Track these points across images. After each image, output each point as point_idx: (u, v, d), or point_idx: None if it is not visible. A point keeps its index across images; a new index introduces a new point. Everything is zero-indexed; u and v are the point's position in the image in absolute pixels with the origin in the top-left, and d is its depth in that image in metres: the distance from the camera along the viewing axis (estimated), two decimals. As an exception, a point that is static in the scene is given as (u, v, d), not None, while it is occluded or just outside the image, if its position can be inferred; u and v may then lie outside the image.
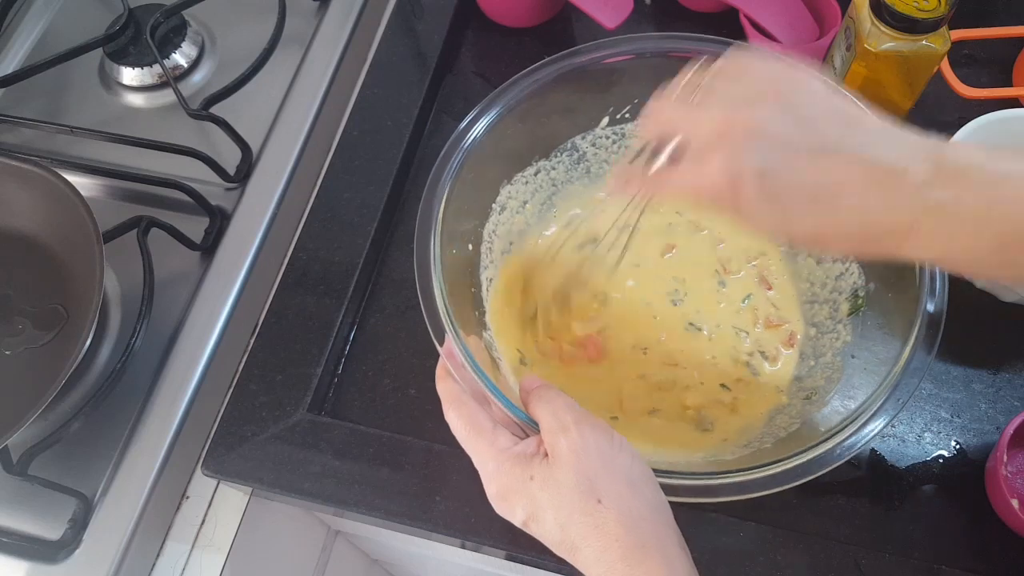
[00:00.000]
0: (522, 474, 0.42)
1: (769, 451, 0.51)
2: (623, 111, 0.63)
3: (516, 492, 0.42)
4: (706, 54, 0.56)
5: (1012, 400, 0.59)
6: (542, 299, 0.60)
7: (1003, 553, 0.54)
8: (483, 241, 0.60)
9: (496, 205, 0.62)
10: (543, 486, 0.41)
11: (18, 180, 0.62)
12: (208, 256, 0.66)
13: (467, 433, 0.44)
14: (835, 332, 0.58)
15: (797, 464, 0.46)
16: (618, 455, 0.42)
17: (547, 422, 0.43)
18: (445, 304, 0.50)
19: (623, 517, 0.39)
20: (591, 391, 0.58)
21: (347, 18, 0.78)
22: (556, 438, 0.42)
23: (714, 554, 0.53)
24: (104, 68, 0.77)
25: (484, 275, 0.60)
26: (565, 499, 0.40)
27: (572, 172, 0.65)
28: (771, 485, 0.46)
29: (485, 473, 0.43)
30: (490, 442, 0.43)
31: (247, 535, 0.61)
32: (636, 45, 0.59)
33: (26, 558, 0.56)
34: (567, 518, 0.40)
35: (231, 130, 0.69)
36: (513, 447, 0.43)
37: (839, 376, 0.55)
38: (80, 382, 0.61)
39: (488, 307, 0.60)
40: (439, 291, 0.50)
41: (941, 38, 0.59)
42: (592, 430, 0.42)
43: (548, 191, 0.64)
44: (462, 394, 0.46)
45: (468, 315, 0.55)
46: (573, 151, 0.64)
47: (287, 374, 0.60)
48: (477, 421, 0.44)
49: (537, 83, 0.57)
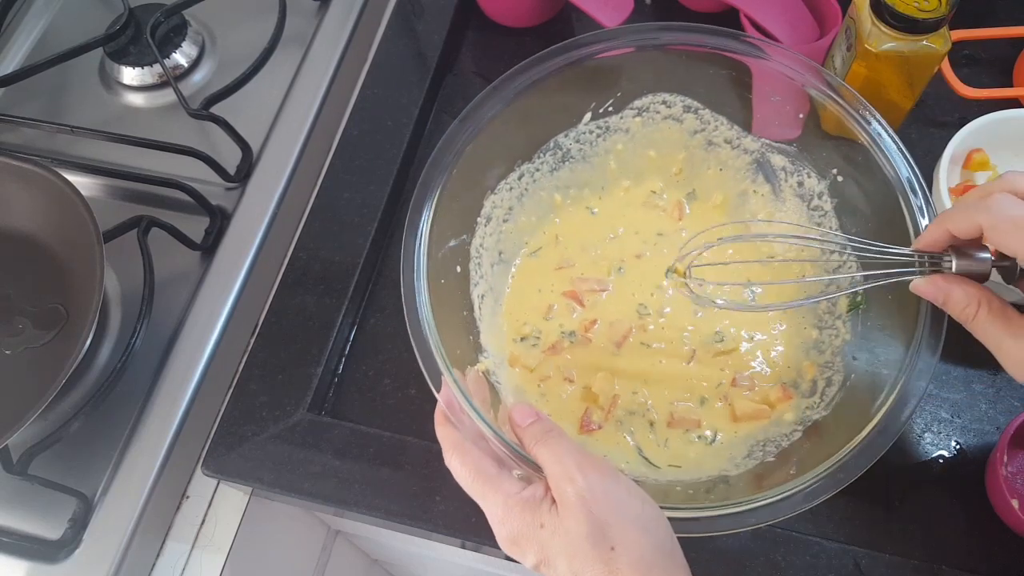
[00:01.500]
0: (532, 521, 0.41)
1: (773, 464, 0.51)
2: (605, 105, 0.63)
3: (526, 538, 0.41)
4: (695, 42, 0.57)
5: (1012, 400, 0.59)
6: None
7: (1003, 553, 0.54)
8: (471, 259, 0.60)
9: (481, 218, 0.61)
10: (553, 534, 0.40)
11: (18, 180, 0.62)
12: (208, 256, 0.66)
13: (472, 479, 0.44)
14: (834, 328, 0.58)
15: (801, 489, 0.46)
16: (627, 500, 0.41)
17: (551, 469, 0.42)
18: (441, 351, 0.49)
19: (636, 564, 0.39)
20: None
21: (347, 18, 0.78)
22: (563, 486, 0.41)
23: (714, 554, 0.53)
24: (104, 68, 0.77)
25: (475, 292, 0.59)
26: (578, 548, 0.39)
27: (558, 170, 0.64)
28: (781, 513, 0.45)
29: (494, 517, 0.43)
30: (496, 487, 0.43)
31: (247, 535, 0.61)
32: (618, 40, 0.58)
33: (26, 558, 0.56)
34: (580, 566, 0.39)
35: (231, 130, 0.69)
36: (520, 492, 0.43)
37: (839, 378, 0.55)
38: (80, 382, 0.61)
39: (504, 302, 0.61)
40: (433, 341, 0.49)
41: (941, 38, 0.58)
42: (599, 475, 0.41)
43: (534, 191, 0.64)
44: (464, 441, 0.45)
45: (463, 344, 0.55)
46: (557, 149, 0.64)
47: (287, 374, 0.60)
48: (481, 467, 0.44)
49: (513, 91, 0.57)
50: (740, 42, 0.58)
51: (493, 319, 0.60)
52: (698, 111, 0.63)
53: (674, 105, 0.63)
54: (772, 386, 0.57)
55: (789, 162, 0.62)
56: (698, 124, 0.63)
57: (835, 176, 0.59)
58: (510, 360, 0.60)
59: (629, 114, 0.63)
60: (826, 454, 0.46)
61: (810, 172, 0.61)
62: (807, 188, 0.61)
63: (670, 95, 0.62)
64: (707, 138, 0.64)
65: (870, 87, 0.62)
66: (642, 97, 0.63)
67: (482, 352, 0.57)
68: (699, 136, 0.64)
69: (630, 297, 0.62)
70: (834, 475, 0.46)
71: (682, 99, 0.63)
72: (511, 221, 0.63)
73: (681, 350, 0.59)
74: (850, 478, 0.45)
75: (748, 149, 0.63)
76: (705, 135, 0.64)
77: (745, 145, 0.63)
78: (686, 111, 0.63)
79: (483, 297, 0.60)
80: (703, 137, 0.64)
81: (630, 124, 0.64)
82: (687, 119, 0.63)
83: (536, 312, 0.61)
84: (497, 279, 0.62)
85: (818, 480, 0.46)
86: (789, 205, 0.63)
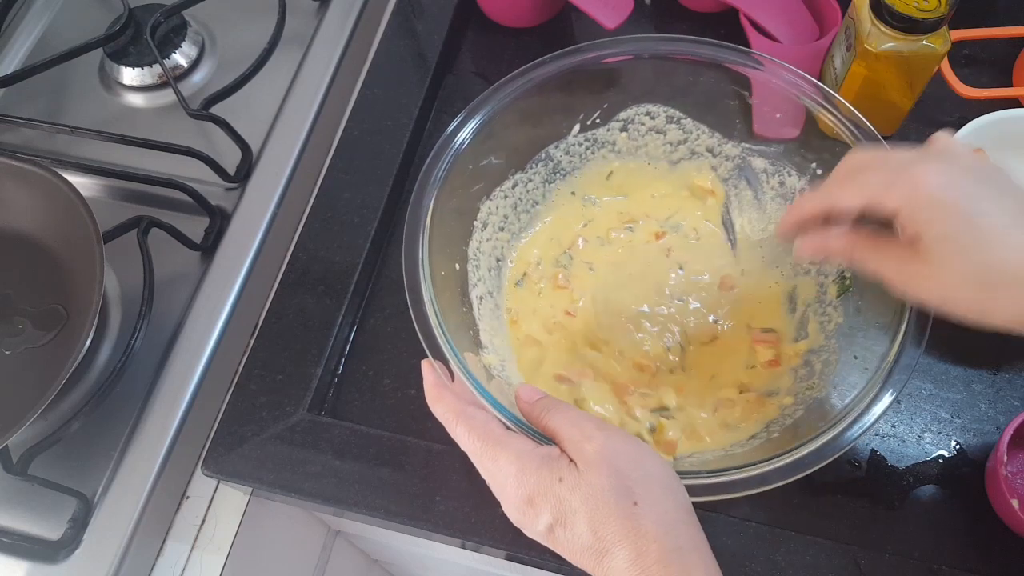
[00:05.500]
0: (550, 475, 0.39)
1: (775, 441, 0.51)
2: (593, 117, 0.63)
3: (542, 495, 0.39)
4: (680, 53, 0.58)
5: (1012, 400, 0.59)
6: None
7: (1003, 553, 0.54)
8: (469, 260, 0.60)
9: (477, 222, 0.61)
10: (574, 488, 0.39)
11: (18, 180, 0.62)
12: (208, 256, 0.66)
13: (482, 444, 0.42)
14: (826, 315, 0.58)
15: (800, 456, 0.46)
16: (647, 458, 0.40)
17: (567, 432, 0.41)
18: (443, 329, 0.49)
19: (660, 520, 0.38)
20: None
21: (347, 18, 0.78)
22: (582, 445, 0.40)
23: (714, 554, 0.53)
24: (104, 68, 0.77)
25: (474, 294, 0.59)
26: (600, 502, 0.38)
27: (549, 181, 0.65)
28: (777, 478, 0.46)
29: (507, 479, 0.41)
30: (508, 447, 0.41)
31: (247, 535, 0.61)
32: (619, 48, 0.59)
33: (26, 558, 0.56)
34: (603, 520, 0.38)
35: (231, 130, 0.69)
36: (536, 448, 0.41)
37: (836, 359, 0.55)
38: (80, 382, 0.61)
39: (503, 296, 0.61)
40: (435, 318, 0.49)
41: (941, 38, 0.59)
42: (618, 434, 0.41)
43: (528, 203, 0.64)
44: (467, 407, 0.44)
45: (463, 334, 0.55)
46: (548, 160, 0.64)
47: (287, 374, 0.60)
48: (490, 430, 0.42)
49: (509, 97, 0.57)
50: (733, 52, 0.58)
51: (494, 321, 0.61)
52: (680, 120, 0.63)
53: (657, 116, 0.63)
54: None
55: (770, 163, 0.62)
56: (681, 135, 0.64)
57: (815, 170, 0.59)
58: (519, 364, 0.60)
59: (615, 126, 0.64)
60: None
61: (791, 171, 0.61)
62: (788, 187, 0.61)
63: (653, 106, 0.63)
64: (690, 148, 0.64)
65: (870, 87, 0.62)
66: (627, 109, 0.63)
67: (482, 347, 0.57)
68: (682, 147, 0.64)
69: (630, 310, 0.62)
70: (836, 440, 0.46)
71: (665, 109, 0.63)
72: (506, 230, 0.63)
73: (668, 360, 0.60)
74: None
75: (729, 155, 0.64)
76: (688, 146, 0.64)
77: (726, 152, 0.64)
78: (669, 122, 0.63)
79: (481, 299, 0.60)
80: (686, 148, 0.64)
81: (617, 137, 0.64)
82: (670, 130, 0.64)
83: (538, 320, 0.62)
84: (494, 284, 0.62)
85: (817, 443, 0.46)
86: (771, 208, 0.63)
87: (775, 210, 0.62)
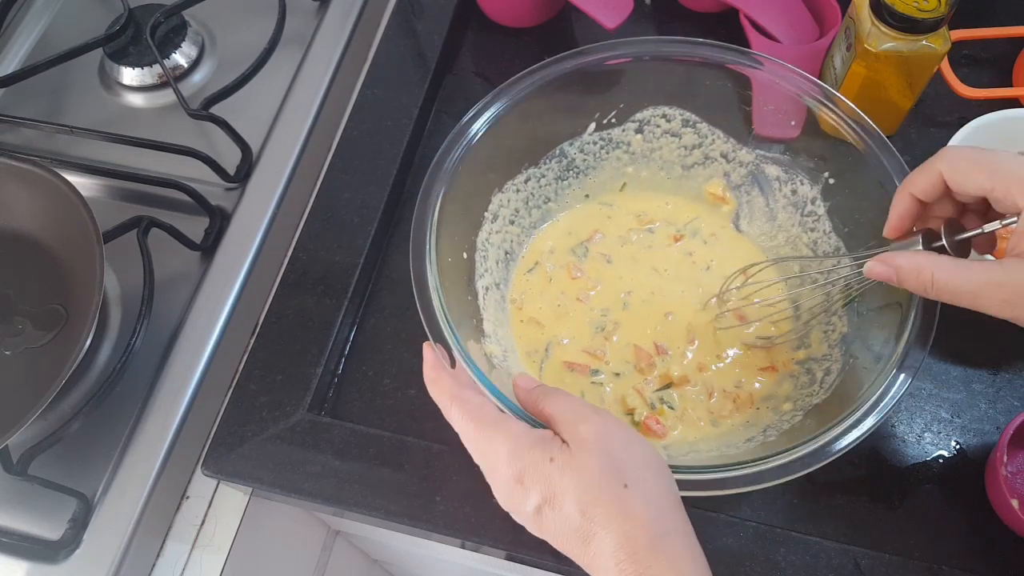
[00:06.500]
0: (541, 455, 0.40)
1: (769, 445, 0.51)
2: (609, 116, 0.63)
3: (532, 475, 0.39)
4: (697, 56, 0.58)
5: (1012, 400, 0.59)
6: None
7: (1003, 553, 0.54)
8: (477, 249, 0.60)
9: (488, 214, 0.61)
10: (564, 469, 0.39)
11: (18, 180, 0.62)
12: (208, 256, 0.66)
13: (475, 426, 0.42)
14: (831, 324, 0.58)
15: (797, 457, 0.46)
16: (640, 444, 0.41)
17: (563, 414, 0.41)
18: (445, 313, 0.49)
19: (649, 503, 0.38)
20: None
21: (347, 18, 0.78)
22: (576, 426, 0.40)
23: (714, 554, 0.52)
24: (104, 68, 0.77)
25: (480, 284, 0.59)
26: (590, 483, 0.38)
27: (562, 179, 0.65)
28: (774, 477, 0.46)
29: (498, 459, 0.41)
30: (502, 429, 0.41)
31: (247, 535, 0.61)
32: (628, 49, 0.59)
33: (26, 558, 0.56)
34: (592, 500, 0.38)
35: (231, 130, 0.69)
36: (530, 430, 0.41)
37: (838, 367, 0.55)
38: (80, 382, 0.61)
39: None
40: (439, 303, 0.50)
41: (941, 38, 0.59)
42: (612, 420, 0.41)
43: (540, 199, 0.64)
44: (462, 390, 0.44)
45: (466, 322, 0.55)
46: (562, 157, 0.64)
47: (287, 374, 0.60)
48: (484, 412, 0.43)
49: (525, 91, 0.57)
50: (738, 54, 0.58)
51: (499, 313, 0.61)
52: (696, 124, 0.63)
53: (673, 119, 0.63)
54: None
55: (783, 171, 0.62)
56: (696, 139, 0.64)
57: (827, 179, 0.59)
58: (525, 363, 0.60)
59: (631, 127, 0.63)
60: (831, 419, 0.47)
61: (803, 179, 0.61)
62: (800, 195, 0.61)
63: (670, 108, 0.62)
64: (704, 153, 0.64)
65: (870, 87, 0.62)
66: (643, 110, 0.63)
67: (485, 336, 0.57)
68: (696, 152, 0.64)
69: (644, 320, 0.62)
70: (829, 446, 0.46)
71: (681, 112, 0.62)
72: (517, 224, 0.63)
73: (683, 363, 0.60)
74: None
75: (743, 161, 0.63)
76: (702, 150, 0.64)
77: (740, 157, 0.63)
78: (684, 125, 0.63)
79: (487, 290, 0.60)
80: (700, 153, 0.64)
81: (632, 139, 0.64)
82: (685, 134, 0.63)
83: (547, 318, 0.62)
84: (501, 276, 0.62)
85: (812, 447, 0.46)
86: (781, 217, 0.63)
87: (786, 219, 0.62)
